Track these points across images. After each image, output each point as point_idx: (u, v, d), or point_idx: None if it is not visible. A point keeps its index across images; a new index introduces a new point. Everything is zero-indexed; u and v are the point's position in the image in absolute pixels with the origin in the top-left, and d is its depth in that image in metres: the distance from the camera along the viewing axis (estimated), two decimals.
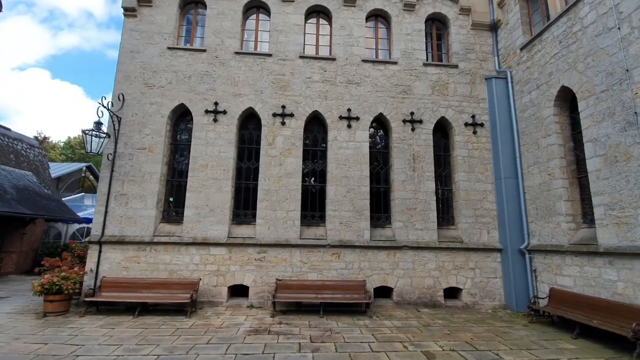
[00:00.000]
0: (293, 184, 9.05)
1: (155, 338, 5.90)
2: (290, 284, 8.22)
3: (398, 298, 8.66)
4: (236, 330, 6.41)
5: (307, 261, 8.69)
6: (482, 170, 9.59)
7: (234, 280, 8.48)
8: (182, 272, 8.40)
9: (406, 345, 5.74)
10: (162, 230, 8.70)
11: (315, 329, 6.58)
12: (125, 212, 8.61)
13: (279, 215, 8.87)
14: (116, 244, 8.40)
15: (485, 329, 6.83)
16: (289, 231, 8.80)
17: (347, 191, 9.13)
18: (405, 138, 9.59)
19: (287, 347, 5.56)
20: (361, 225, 8.98)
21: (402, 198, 9.22)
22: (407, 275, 8.80)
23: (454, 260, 8.99)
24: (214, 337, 6.02)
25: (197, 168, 8.95)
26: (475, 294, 8.85)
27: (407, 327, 6.82)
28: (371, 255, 8.84)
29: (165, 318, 7.19)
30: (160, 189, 8.87)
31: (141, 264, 8.37)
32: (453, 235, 9.31)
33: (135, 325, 6.63)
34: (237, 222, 9.13)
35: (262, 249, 8.67)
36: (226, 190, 8.88)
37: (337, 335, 6.21)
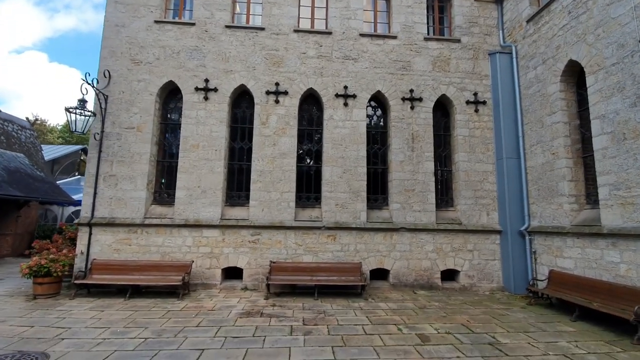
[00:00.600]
0: (287, 164, 8.77)
1: (144, 321, 5.78)
2: (284, 266, 8.07)
3: (394, 280, 8.54)
4: (228, 313, 6.28)
5: (302, 243, 8.52)
6: (483, 150, 9.27)
7: (228, 263, 8.34)
8: (174, 255, 8.25)
9: (400, 327, 5.61)
10: (153, 212, 8.50)
11: (308, 312, 6.46)
12: (115, 193, 8.38)
13: (273, 196, 8.63)
14: (106, 226, 8.22)
15: (482, 311, 6.70)
16: (283, 213, 8.58)
17: (344, 172, 8.86)
18: (404, 117, 9.22)
19: (278, 329, 5.43)
20: (357, 206, 8.75)
21: (399, 179, 8.96)
22: (404, 258, 8.64)
23: (452, 242, 8.80)
24: (204, 319, 5.90)
25: (188, 148, 8.65)
26: (473, 276, 8.71)
27: (402, 310, 6.69)
28: (368, 238, 8.65)
29: (157, 300, 7.08)
30: (150, 170, 8.60)
31: (133, 247, 8.21)
32: (452, 217, 9.09)
33: (126, 308, 6.51)
34: (231, 203, 8.91)
35: (256, 231, 8.48)
36: (218, 171, 8.61)
37: (331, 318, 6.08)
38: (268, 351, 4.59)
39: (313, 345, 4.81)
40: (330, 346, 4.77)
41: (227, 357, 4.39)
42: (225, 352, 4.55)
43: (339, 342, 4.92)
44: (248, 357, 4.38)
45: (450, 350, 4.73)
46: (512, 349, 4.81)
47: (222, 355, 4.43)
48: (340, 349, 4.67)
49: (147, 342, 4.84)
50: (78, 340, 4.91)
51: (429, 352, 4.62)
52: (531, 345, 4.96)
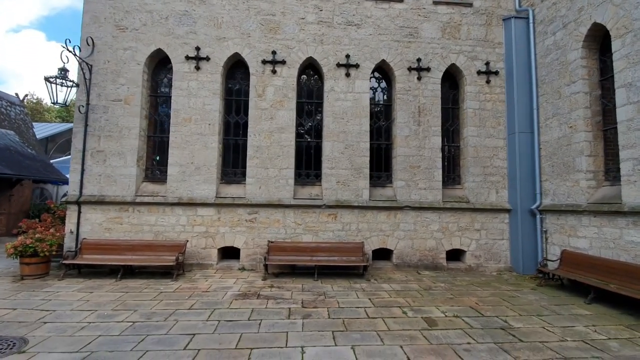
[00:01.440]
0: (286, 139, 8.25)
1: (134, 303, 5.46)
2: (283, 246, 7.72)
3: (398, 260, 8.20)
4: (223, 295, 5.96)
5: (302, 222, 8.13)
6: (494, 125, 8.71)
7: (224, 242, 7.99)
8: (168, 234, 7.89)
9: (405, 310, 5.28)
10: (144, 190, 8.07)
11: (308, 293, 6.13)
12: (104, 170, 7.93)
13: (271, 173, 8.17)
14: (96, 205, 7.82)
15: (491, 293, 6.37)
16: (281, 191, 8.15)
17: (345, 147, 8.35)
18: (410, 88, 8.61)
19: (275, 312, 5.10)
20: (360, 184, 8.30)
21: (404, 155, 8.45)
22: (408, 237, 8.27)
23: (458, 222, 8.41)
24: (198, 301, 5.58)
25: (180, 122, 8.13)
26: (479, 256, 8.36)
27: (406, 291, 6.37)
28: (370, 216, 8.25)
29: (149, 281, 6.77)
30: (140, 145, 8.12)
31: (124, 226, 7.84)
32: (459, 195, 8.65)
33: (116, 289, 6.20)
34: (226, 181, 8.47)
35: (254, 209, 8.08)
36: (212, 147, 8.11)
37: (331, 300, 5.75)
38: (264, 336, 4.26)
39: (312, 329, 4.48)
40: (330, 331, 4.44)
41: (219, 343, 4.07)
42: (217, 337, 4.22)
43: (340, 327, 4.59)
44: (242, 343, 4.05)
45: (459, 335, 4.39)
46: (526, 334, 4.47)
47: (213, 341, 4.10)
48: (341, 334, 4.34)
49: (135, 327, 4.52)
50: (61, 324, 4.59)
51: (437, 338, 4.28)
52: (546, 330, 4.62)
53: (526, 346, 4.10)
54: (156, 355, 3.75)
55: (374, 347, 4.00)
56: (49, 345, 3.97)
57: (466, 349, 3.99)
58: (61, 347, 3.91)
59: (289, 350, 3.89)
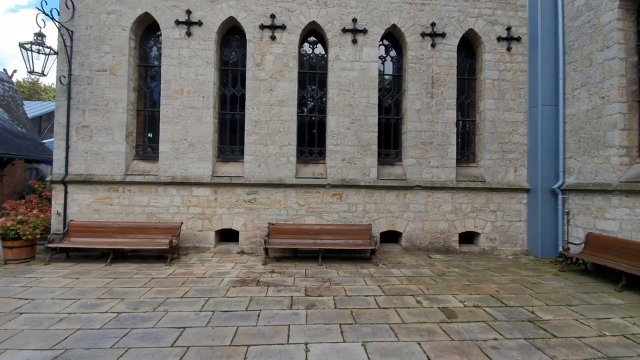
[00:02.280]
0: (287, 113, 7.58)
1: (122, 290, 4.99)
2: (284, 228, 7.20)
3: (407, 243, 7.69)
4: (220, 281, 5.49)
5: (305, 203, 7.58)
6: (515, 97, 7.98)
7: (222, 225, 7.48)
8: (162, 216, 7.38)
9: (420, 299, 4.78)
10: (135, 169, 7.50)
11: (312, 280, 5.65)
12: (90, 147, 7.34)
13: (271, 150, 7.55)
14: (83, 184, 7.28)
15: (511, 279, 5.86)
16: (282, 169, 7.56)
17: (351, 122, 7.68)
18: (423, 57, 7.83)
19: (276, 302, 4.62)
20: (367, 162, 7.68)
21: (416, 130, 7.78)
22: (418, 219, 7.72)
23: (473, 202, 7.83)
24: (191, 289, 5.10)
25: (171, 94, 7.45)
26: (494, 238, 7.83)
27: (419, 277, 5.87)
28: (378, 197, 7.68)
29: (141, 266, 6.31)
30: (129, 120, 7.48)
31: (114, 207, 7.33)
32: (474, 174, 8.03)
33: (105, 275, 5.74)
34: (223, 159, 7.87)
35: (253, 189, 7.52)
36: (207, 121, 7.47)
37: (338, 287, 5.27)
38: (262, 330, 3.78)
39: (317, 322, 4.00)
40: (337, 324, 3.95)
41: (211, 338, 3.58)
42: (210, 331, 3.74)
43: (347, 319, 4.10)
44: (238, 339, 3.57)
45: (483, 329, 3.89)
46: (558, 327, 3.96)
47: (205, 336, 3.62)
48: (350, 328, 3.85)
49: (119, 318, 4.05)
50: (38, 315, 4.12)
51: (458, 332, 3.79)
52: (580, 322, 4.11)
53: (561, 343, 3.60)
54: (139, 354, 3.27)
55: (388, 343, 3.51)
56: (19, 341, 3.50)
57: (493, 347, 3.49)
58: (33, 343, 3.44)
59: (291, 348, 3.40)
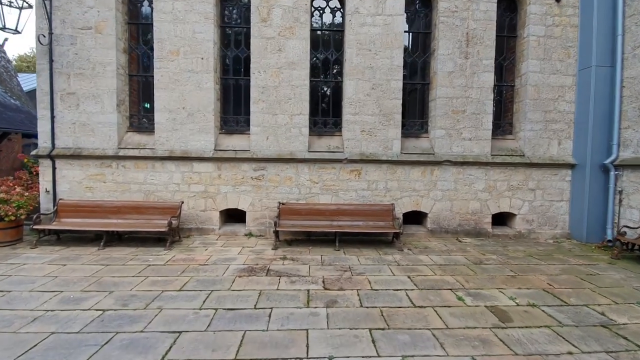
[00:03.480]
0: (298, 77, 6.61)
1: (112, 281, 4.32)
2: (296, 208, 6.42)
3: (433, 225, 6.88)
4: (224, 270, 4.79)
5: (318, 180, 6.76)
6: (562, 57, 6.84)
7: (227, 204, 6.74)
8: (160, 194, 6.65)
9: (461, 295, 4.01)
10: (129, 142, 6.71)
11: (329, 268, 4.92)
12: (78, 117, 6.53)
13: (281, 120, 6.66)
14: (72, 159, 6.54)
15: (561, 269, 5.04)
16: (294, 142, 6.69)
17: (372, 88, 6.69)
18: (457, 9, 6.68)
19: (290, 297, 3.90)
20: (389, 133, 6.76)
21: (446, 97, 6.77)
22: (446, 198, 6.87)
23: (509, 179, 6.91)
24: (192, 279, 4.41)
25: (165, 56, 6.51)
26: (532, 220, 6.97)
27: (453, 266, 5.09)
28: (401, 173, 6.81)
29: (138, 250, 5.64)
30: (119, 86, 6.61)
31: (108, 184, 6.61)
32: (511, 148, 7.06)
33: (95, 261, 5.08)
34: (227, 130, 7.01)
35: (260, 164, 6.70)
36: (207, 87, 6.56)
37: (360, 278, 4.52)
38: (275, 337, 3.06)
39: (341, 325, 3.27)
40: (366, 329, 3.22)
41: (212, 348, 2.88)
42: (211, 338, 3.04)
43: (378, 321, 3.36)
44: (245, 350, 2.86)
45: (550, 338, 3.11)
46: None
47: (204, 345, 2.92)
48: (383, 335, 3.11)
49: (104, 318, 3.37)
50: (10, 313, 3.47)
51: (519, 343, 3.02)
52: None
53: None
54: None
55: (435, 359, 2.77)
56: None
57: None
58: None
59: None
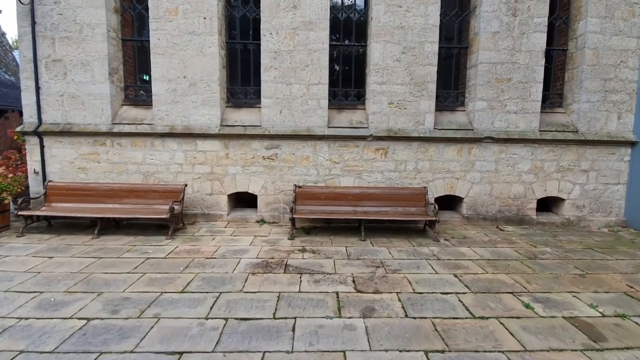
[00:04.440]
0: (316, 40, 5.68)
1: (103, 279, 3.64)
2: (315, 192, 5.64)
3: (469, 212, 6.07)
4: (235, 264, 4.08)
5: (339, 160, 5.94)
6: (627, 15, 5.77)
7: (236, 187, 5.99)
8: (161, 176, 5.92)
9: (527, 302, 3.23)
10: (125, 116, 5.93)
11: (357, 263, 4.17)
12: (66, 88, 5.74)
13: (296, 91, 5.79)
14: (62, 136, 5.80)
15: (634, 265, 4.22)
16: (311, 116, 5.84)
17: (402, 52, 5.74)
18: None
19: (316, 302, 3.17)
20: (421, 106, 5.85)
21: (489, 62, 5.80)
22: (485, 180, 6.02)
23: (558, 159, 6.01)
24: (197, 277, 3.71)
25: (162, 15, 5.61)
26: (582, 206, 6.11)
27: (503, 261, 4.31)
28: (434, 152, 5.95)
29: (137, 239, 4.97)
30: (112, 52, 5.77)
31: (103, 164, 5.89)
32: (561, 122, 6.12)
33: (87, 253, 4.42)
34: (234, 104, 6.18)
35: (273, 142, 5.89)
36: (211, 52, 5.68)
37: (398, 278, 3.77)
38: None
39: (387, 345, 2.54)
40: (421, 351, 2.48)
41: None
42: None
43: (433, 339, 2.62)
44: None
45: None
46: None
47: None
48: None
49: (87, 331, 2.69)
50: None
51: None
52: None
53: None
54: None
55: None
56: None
57: None
58: None
59: None
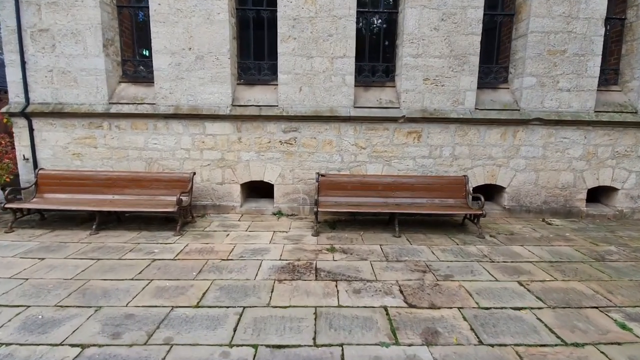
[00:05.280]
0: (341, 5, 4.90)
1: (101, 287, 3.05)
2: (341, 181, 4.99)
3: (511, 203, 5.43)
4: (256, 268, 3.48)
5: (366, 145, 5.26)
6: None
7: (250, 175, 5.35)
8: (166, 162, 5.27)
9: (622, 321, 2.62)
10: (123, 95, 5.23)
11: (399, 267, 3.56)
12: (55, 62, 5.03)
13: (318, 65, 5.05)
14: (54, 117, 5.13)
15: None
16: (335, 94, 5.12)
17: (441, 19, 4.96)
18: None
19: (362, 321, 2.57)
20: (462, 82, 5.11)
21: (541, 31, 5.01)
22: (530, 168, 5.34)
23: (614, 144, 5.31)
24: (213, 285, 3.12)
25: None
26: (637, 196, 5.45)
27: (567, 264, 3.69)
28: (474, 135, 5.25)
29: (140, 236, 4.37)
30: (106, 21, 5.01)
31: (100, 150, 5.24)
32: (617, 102, 5.38)
33: (84, 252, 3.82)
34: (247, 80, 5.45)
35: (292, 124, 5.20)
36: (220, 19, 4.91)
37: (452, 286, 3.16)
38: None
39: None
40: None
41: None
42: None
43: None
44: None
45: None
46: None
47: None
48: None
49: None
50: None
51: None
52: None
53: None
54: None
55: None
56: None
57: None
58: None
59: None
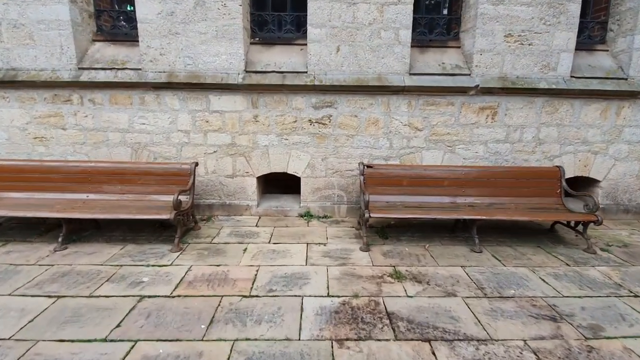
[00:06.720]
0: None
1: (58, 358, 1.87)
2: (393, 173, 3.73)
3: (606, 201, 4.22)
4: (296, 317, 2.28)
5: (423, 125, 3.99)
6: None
7: (269, 165, 4.09)
8: (159, 149, 4.01)
9: None
10: (98, 58, 3.89)
11: (510, 309, 2.38)
12: (5, 11, 3.66)
13: (362, 15, 3.70)
14: (6, 88, 3.81)
15: None
16: (385, 56, 3.80)
17: None
18: None
19: None
20: (556, 40, 3.79)
21: None
22: (634, 156, 4.11)
23: None
24: (233, 353, 1.93)
25: None
26: None
27: None
28: (566, 112, 3.98)
29: (124, 252, 3.16)
30: None
31: (70, 131, 3.95)
32: None
33: (41, 283, 2.62)
34: (263, 39, 4.10)
35: (325, 98, 3.90)
36: None
37: (612, 349, 1.99)
38: None
39: None
40: None
41: None
42: None
43: None
44: None
45: None
46: None
47: None
48: None
49: None
50: None
51: None
52: None
53: None
54: None
55: None
56: None
57: None
58: None
59: None
